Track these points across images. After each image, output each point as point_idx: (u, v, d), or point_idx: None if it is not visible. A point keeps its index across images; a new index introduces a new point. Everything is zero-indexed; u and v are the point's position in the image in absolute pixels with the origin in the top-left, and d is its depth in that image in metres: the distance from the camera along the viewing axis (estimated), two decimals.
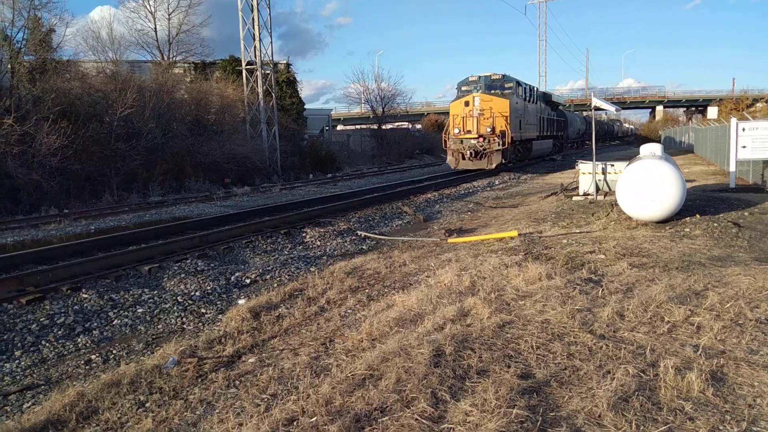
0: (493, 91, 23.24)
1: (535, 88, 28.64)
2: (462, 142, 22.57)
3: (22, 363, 4.85)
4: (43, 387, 4.40)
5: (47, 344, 5.22)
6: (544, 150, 30.42)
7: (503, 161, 22.24)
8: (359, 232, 10.85)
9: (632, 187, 8.78)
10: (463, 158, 22.54)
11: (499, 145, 21.84)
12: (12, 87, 17.86)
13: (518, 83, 24.44)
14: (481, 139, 22.13)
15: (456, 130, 22.73)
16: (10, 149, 15.77)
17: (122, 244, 8.89)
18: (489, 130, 21.92)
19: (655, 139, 40.71)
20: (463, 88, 23.98)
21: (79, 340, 5.37)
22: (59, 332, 5.47)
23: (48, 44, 20.04)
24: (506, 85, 23.73)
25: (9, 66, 18.18)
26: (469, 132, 22.62)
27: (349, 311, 5.61)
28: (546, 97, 31.83)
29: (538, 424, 2.97)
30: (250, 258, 8.54)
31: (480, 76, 23.96)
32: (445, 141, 23.19)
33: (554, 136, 33.53)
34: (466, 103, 22.80)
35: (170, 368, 4.31)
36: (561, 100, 38.57)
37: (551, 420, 3.03)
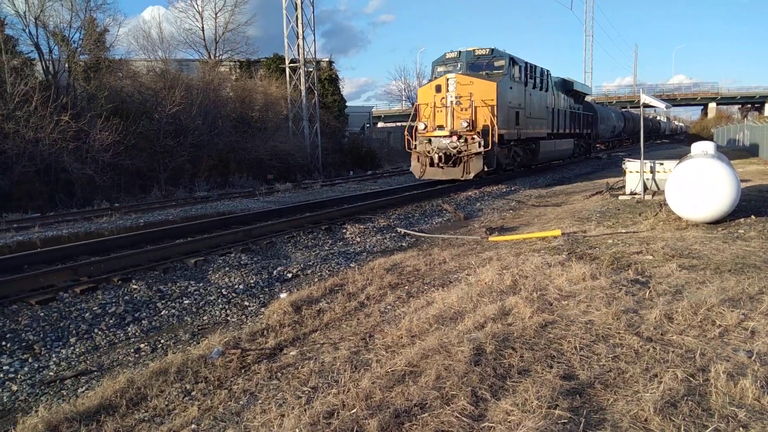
0: (477, 72, 16.87)
1: (546, 72, 21.20)
2: (431, 141, 16.43)
3: (77, 350, 5.07)
4: (95, 373, 4.59)
5: (99, 332, 5.45)
6: (560, 152, 23.98)
7: (485, 169, 16.06)
8: (399, 229, 10.86)
9: (683, 186, 8.49)
10: (432, 164, 16.33)
11: (479, 146, 15.66)
12: (69, 85, 18.67)
13: (513, 61, 17.67)
14: (455, 138, 16.05)
15: (422, 125, 16.58)
16: (66, 144, 16.51)
17: (170, 238, 9.17)
18: (466, 124, 15.84)
19: (707, 138, 39.15)
20: (438, 69, 17.66)
21: (129, 329, 5.58)
22: (111, 321, 5.70)
23: (102, 44, 20.85)
24: (496, 64, 17.18)
25: (66, 65, 19.00)
26: (440, 127, 16.45)
27: (388, 307, 5.63)
28: (566, 86, 24.63)
29: (581, 426, 2.91)
30: (292, 253, 8.67)
31: (460, 52, 17.58)
32: (409, 140, 16.78)
33: (577, 134, 26.79)
34: (438, 88, 16.56)
35: (215, 358, 4.42)
36: (588, 90, 30.26)
37: (595, 422, 2.97)
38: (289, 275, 7.60)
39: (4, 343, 5.00)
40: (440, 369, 3.67)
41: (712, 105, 73.57)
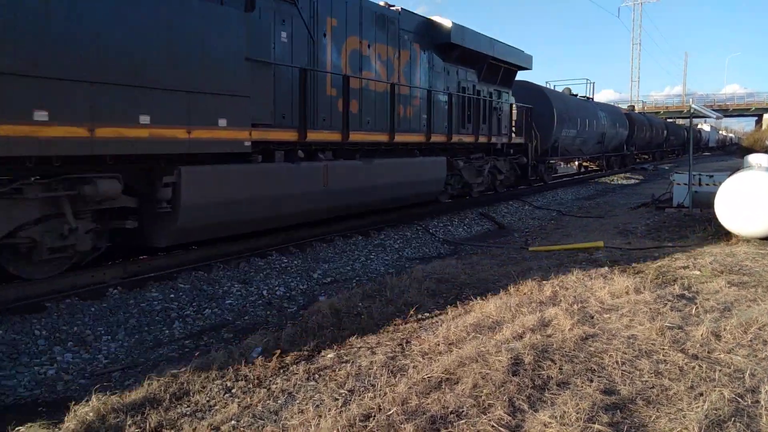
0: None
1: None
2: None
3: (125, 344, 5.28)
4: (141, 367, 4.76)
5: (147, 328, 5.65)
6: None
7: None
8: (437, 237, 10.85)
9: (734, 199, 8.21)
10: None
11: None
12: None
13: None
14: None
15: None
16: None
17: (213, 240, 9.40)
18: None
19: (761, 150, 37.53)
20: None
21: (175, 325, 5.76)
22: (157, 318, 5.90)
23: None
24: None
25: None
26: None
27: (426, 314, 5.64)
28: (432, 32, 12.05)
29: None
30: (331, 257, 8.77)
31: None
32: None
33: (478, 146, 14.15)
34: None
35: (255, 358, 4.52)
36: (523, 61, 15.87)
37: None
38: (328, 279, 7.70)
39: (58, 335, 5.24)
40: (477, 377, 3.66)
41: (767, 116, 70.48)
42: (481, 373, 3.71)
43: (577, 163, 29.72)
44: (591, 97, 27.14)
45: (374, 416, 3.25)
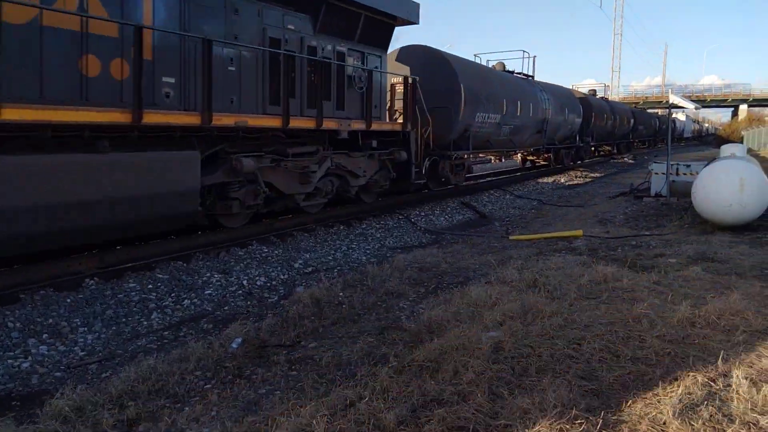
0: None
1: None
2: None
3: (102, 336, 5.20)
4: (119, 359, 4.70)
5: (124, 319, 5.57)
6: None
7: None
8: (419, 226, 10.86)
9: (709, 189, 8.34)
10: None
11: None
12: None
13: None
14: None
15: None
16: None
17: (192, 230, 9.30)
18: None
19: (737, 140, 38.20)
20: None
21: (153, 316, 5.69)
22: (135, 308, 5.82)
23: None
24: None
25: None
26: None
27: (407, 303, 5.65)
28: None
29: (599, 426, 2.90)
30: (312, 247, 8.73)
31: None
32: None
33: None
34: None
35: (235, 348, 4.49)
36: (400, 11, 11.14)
37: (612, 423, 2.95)
38: (309, 269, 7.66)
39: (32, 326, 5.14)
40: (458, 365, 3.68)
41: (743, 107, 71.76)
42: (461, 361, 3.73)
43: (519, 156, 24.19)
44: (531, 75, 20.69)
45: (355, 405, 3.25)
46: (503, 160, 26.19)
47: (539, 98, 19.06)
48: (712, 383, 3.35)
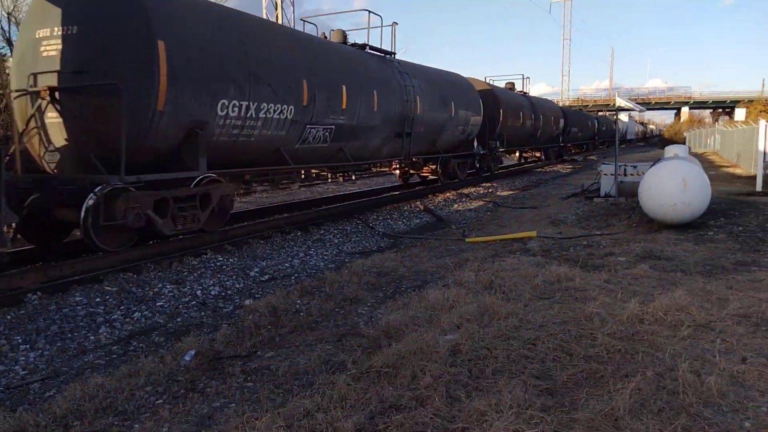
0: None
1: None
2: None
3: (46, 353, 4.95)
4: (64, 377, 4.49)
5: (70, 335, 5.33)
6: None
7: None
8: (377, 230, 10.86)
9: (655, 189, 8.65)
10: None
11: None
12: None
13: None
14: None
15: None
16: None
17: (142, 240, 9.02)
18: None
19: (680, 141, 39.88)
20: None
21: (101, 331, 5.47)
22: (82, 323, 5.58)
23: None
24: None
25: None
26: None
27: (365, 308, 5.63)
28: None
29: (554, 425, 2.95)
30: (268, 254, 8.60)
31: None
32: None
33: None
34: None
35: (188, 361, 4.36)
36: None
37: (567, 422, 3.00)
38: (266, 277, 7.54)
39: None
40: (416, 370, 3.67)
41: (685, 109, 75.17)
42: (419, 366, 3.73)
43: (396, 169, 17.16)
44: (392, 52, 13.92)
45: (313, 415, 3.20)
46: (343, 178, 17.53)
47: (398, 85, 13.22)
48: (661, 377, 3.45)
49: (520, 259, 7.03)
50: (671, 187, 8.45)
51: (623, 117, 62.86)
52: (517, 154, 29.10)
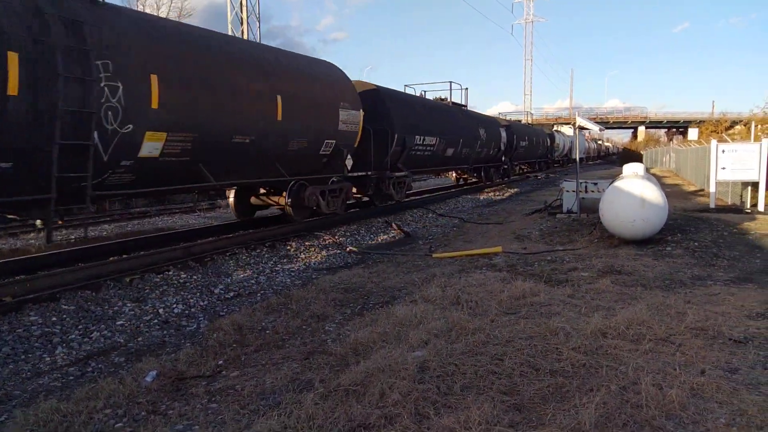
0: None
1: None
2: None
3: None
4: (17, 401, 4.28)
5: (24, 356, 5.10)
6: None
7: None
8: (345, 246, 10.82)
9: (615, 205, 8.90)
10: None
11: None
12: None
13: None
14: None
15: None
16: None
17: (103, 255, 8.76)
18: None
19: (638, 159, 41.15)
20: None
21: (57, 351, 5.25)
22: (37, 344, 5.35)
23: None
24: None
25: None
26: None
27: (333, 325, 5.57)
28: None
29: None
30: (234, 271, 8.46)
31: None
32: None
33: None
34: None
35: (149, 382, 4.23)
36: None
37: None
38: (231, 294, 7.40)
39: None
40: (384, 387, 3.65)
41: (641, 128, 77.96)
42: (387, 383, 3.71)
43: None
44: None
45: None
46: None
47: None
48: (624, 391, 3.52)
49: (486, 274, 7.11)
50: (631, 203, 8.70)
51: (565, 129, 52.02)
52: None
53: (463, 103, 23.42)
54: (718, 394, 3.45)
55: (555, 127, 49.85)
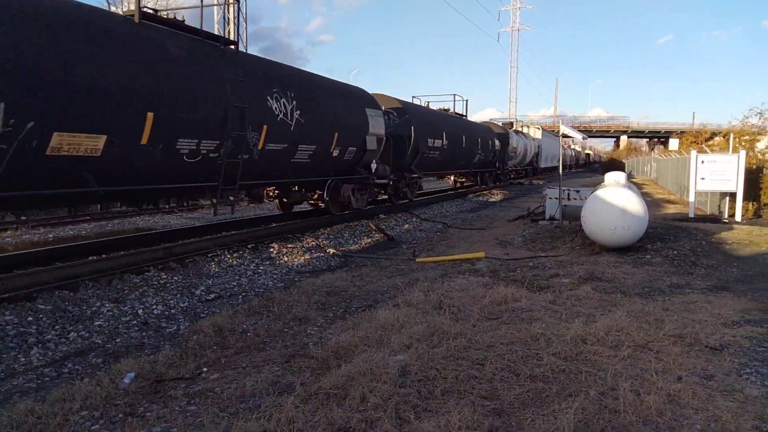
0: None
1: None
2: None
3: None
4: None
5: None
6: None
7: None
8: (327, 249, 10.79)
9: (596, 213, 9.01)
10: None
11: None
12: None
13: None
14: None
15: None
16: None
17: (82, 254, 8.63)
18: None
19: (620, 168, 41.61)
20: None
21: (33, 352, 5.16)
22: (11, 344, 5.25)
23: None
24: None
25: None
26: None
27: (315, 328, 5.55)
28: None
29: None
30: (215, 272, 8.39)
31: None
32: None
33: None
34: None
35: (127, 384, 4.17)
36: None
37: None
38: (212, 296, 7.34)
39: None
40: (365, 391, 3.64)
41: (624, 137, 79.18)
42: (369, 386, 3.70)
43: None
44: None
45: None
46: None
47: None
48: (603, 397, 3.56)
49: (469, 279, 7.14)
50: (612, 211, 8.82)
51: (534, 132, 41.44)
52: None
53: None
54: (694, 400, 3.51)
55: (514, 127, 38.54)
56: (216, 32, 24.18)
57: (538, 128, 40.77)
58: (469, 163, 25.10)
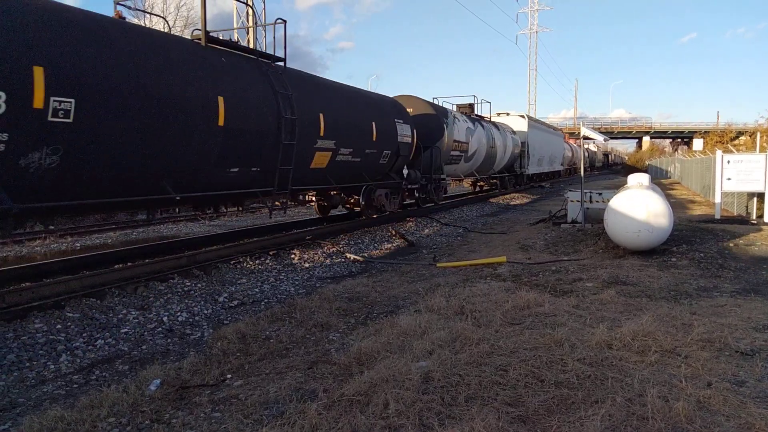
0: None
1: None
2: None
3: (1, 383, 4.73)
4: (21, 408, 4.29)
5: (28, 363, 5.11)
6: None
7: None
8: (348, 255, 10.82)
9: (619, 216, 8.88)
10: None
11: None
12: None
13: None
14: None
15: None
16: None
17: (108, 263, 8.78)
18: None
19: (642, 169, 41.01)
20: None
21: (62, 359, 5.26)
22: (41, 351, 5.36)
23: None
24: None
25: None
26: None
27: (337, 334, 5.57)
28: None
29: None
30: (238, 279, 8.47)
31: None
32: None
33: None
34: None
35: (153, 391, 4.22)
36: None
37: None
38: (235, 302, 7.41)
39: None
40: (388, 397, 3.64)
41: (646, 138, 77.93)
42: (391, 393, 3.69)
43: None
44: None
45: None
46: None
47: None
48: (630, 403, 3.50)
49: (491, 284, 7.09)
50: (636, 214, 8.69)
51: (517, 123, 29.66)
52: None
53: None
54: (725, 407, 3.43)
55: (494, 117, 27.92)
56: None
57: (522, 116, 30.07)
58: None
